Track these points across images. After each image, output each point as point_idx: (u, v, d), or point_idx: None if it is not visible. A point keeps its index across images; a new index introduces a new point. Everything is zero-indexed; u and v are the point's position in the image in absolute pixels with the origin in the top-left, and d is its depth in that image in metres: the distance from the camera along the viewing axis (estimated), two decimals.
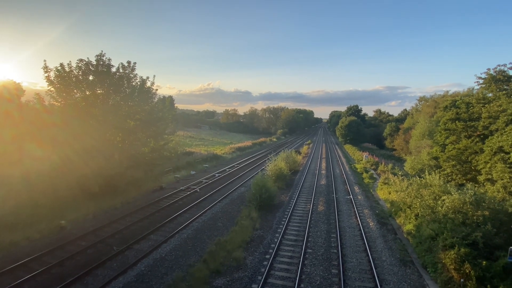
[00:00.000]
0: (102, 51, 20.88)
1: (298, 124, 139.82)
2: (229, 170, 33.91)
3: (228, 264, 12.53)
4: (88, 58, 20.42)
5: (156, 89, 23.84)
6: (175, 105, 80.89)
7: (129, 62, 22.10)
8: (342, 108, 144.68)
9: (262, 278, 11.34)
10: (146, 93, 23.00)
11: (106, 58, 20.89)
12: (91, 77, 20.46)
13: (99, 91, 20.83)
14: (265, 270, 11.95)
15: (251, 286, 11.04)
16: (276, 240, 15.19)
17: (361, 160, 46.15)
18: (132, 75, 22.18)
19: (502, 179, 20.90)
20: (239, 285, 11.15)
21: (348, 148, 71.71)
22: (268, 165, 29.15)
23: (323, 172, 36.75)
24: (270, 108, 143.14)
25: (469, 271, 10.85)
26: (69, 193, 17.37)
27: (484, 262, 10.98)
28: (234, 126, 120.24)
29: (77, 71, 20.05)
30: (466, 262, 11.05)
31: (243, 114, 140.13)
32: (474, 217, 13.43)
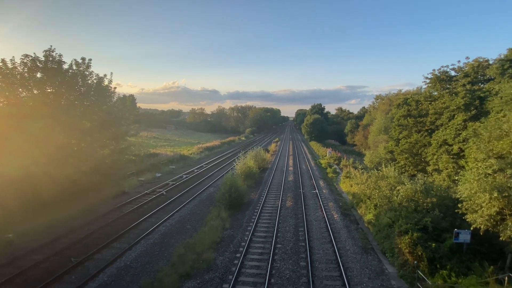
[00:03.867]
0: (51, 46, 19.18)
1: (266, 122, 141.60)
2: (198, 171, 33.28)
3: (198, 266, 12.33)
4: (34, 53, 18.62)
5: (115, 88, 22.53)
6: (138, 104, 76.96)
7: (83, 59, 20.56)
8: (307, 107, 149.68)
9: (233, 278, 11.35)
10: (104, 91, 21.61)
11: (57, 54, 19.23)
12: (39, 75, 18.69)
13: (49, 90, 19.10)
14: (236, 269, 11.98)
15: (222, 287, 10.99)
16: (246, 238, 15.29)
17: (325, 156, 48.23)
18: (87, 73, 20.69)
19: (446, 169, 23.33)
20: (209, 286, 11.04)
21: (313, 144, 74.46)
22: (237, 164, 29.16)
23: (291, 168, 37.74)
24: (238, 107, 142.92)
25: (421, 253, 11.96)
26: (16, 204, 15.65)
27: (434, 244, 12.17)
28: (202, 126, 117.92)
29: (22, 67, 18.16)
30: (419, 245, 12.16)
31: (210, 113, 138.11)
32: (424, 204, 14.80)
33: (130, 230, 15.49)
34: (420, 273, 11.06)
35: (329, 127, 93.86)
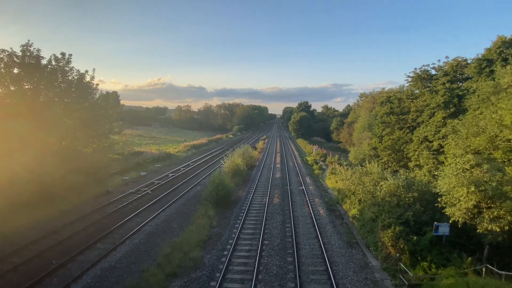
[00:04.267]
0: (29, 40, 18.40)
1: (253, 120, 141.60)
2: (184, 169, 32.90)
3: (185, 265, 12.22)
4: (11, 48, 17.79)
5: (97, 84, 21.94)
6: (121, 101, 74.68)
7: (63, 54, 19.86)
8: (294, 104, 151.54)
9: (220, 275, 11.34)
10: (86, 88, 20.97)
11: (35, 48, 18.46)
12: (16, 70, 17.91)
13: (27, 86, 18.34)
14: (223, 267, 11.97)
15: (209, 285, 10.96)
16: (233, 235, 15.29)
17: (311, 153, 48.85)
18: (67, 68, 20.02)
19: (427, 164, 24.18)
20: (197, 285, 10.98)
21: (300, 142, 75.17)
22: (225, 162, 29.06)
23: (278, 165, 37.99)
24: (225, 105, 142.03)
25: (403, 246, 12.38)
26: None
27: (415, 237, 12.62)
28: (188, 123, 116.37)
29: None
30: (401, 238, 12.57)
31: (197, 110, 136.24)
32: (406, 199, 15.28)
33: (114, 230, 15.14)
34: (402, 265, 11.46)
35: (315, 125, 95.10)
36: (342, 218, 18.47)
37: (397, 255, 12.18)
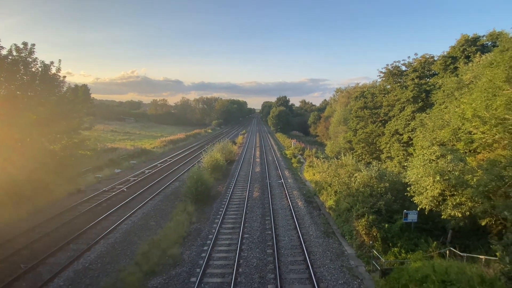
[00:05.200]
0: None
1: (232, 114, 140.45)
2: (161, 165, 32.11)
3: (164, 262, 12.06)
4: None
5: (65, 77, 20.62)
6: (92, 95, 70.92)
7: (25, 44, 18.40)
8: (273, 99, 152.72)
9: (200, 271, 11.31)
10: (51, 81, 19.67)
11: None
12: None
13: None
14: (203, 262, 11.94)
15: (189, 280, 10.91)
16: (213, 231, 15.26)
17: (290, 147, 49.61)
18: (30, 59, 18.59)
19: (398, 156, 25.51)
20: (176, 281, 10.89)
21: (279, 136, 75.98)
22: (203, 157, 28.72)
23: (258, 160, 38.21)
24: (203, 99, 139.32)
25: (376, 234, 13.06)
26: None
27: (386, 225, 13.35)
28: (165, 118, 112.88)
29: None
30: (374, 226, 13.24)
31: (174, 104, 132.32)
32: (379, 189, 16.06)
33: (88, 230, 14.54)
34: (375, 252, 12.09)
35: (293, 119, 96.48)
36: (319, 209, 19.05)
37: (370, 242, 12.82)
